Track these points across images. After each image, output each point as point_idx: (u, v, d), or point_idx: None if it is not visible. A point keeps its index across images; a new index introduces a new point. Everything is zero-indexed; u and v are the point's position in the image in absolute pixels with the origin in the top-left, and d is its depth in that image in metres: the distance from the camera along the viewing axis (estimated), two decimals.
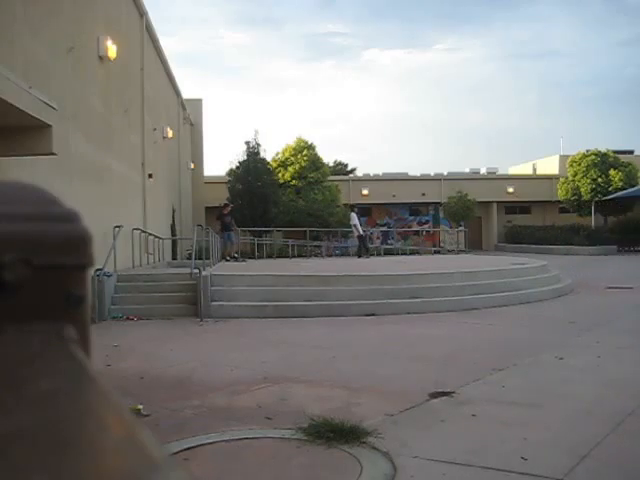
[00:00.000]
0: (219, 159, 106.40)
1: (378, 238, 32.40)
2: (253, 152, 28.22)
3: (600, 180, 31.61)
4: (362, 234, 21.86)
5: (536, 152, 64.61)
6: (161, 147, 19.67)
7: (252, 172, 27.31)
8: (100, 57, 12.26)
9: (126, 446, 0.31)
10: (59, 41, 9.96)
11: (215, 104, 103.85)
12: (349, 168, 51.07)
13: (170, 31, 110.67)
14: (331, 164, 41.48)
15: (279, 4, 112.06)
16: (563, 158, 36.44)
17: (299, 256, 23.78)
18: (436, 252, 30.10)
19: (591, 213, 32.18)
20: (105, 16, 13.01)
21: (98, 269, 10.04)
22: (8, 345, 0.39)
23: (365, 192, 34.66)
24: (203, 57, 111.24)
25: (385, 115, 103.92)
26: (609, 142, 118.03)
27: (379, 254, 25.11)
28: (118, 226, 12.08)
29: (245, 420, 4.55)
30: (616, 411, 4.63)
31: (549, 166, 38.50)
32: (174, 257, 21.29)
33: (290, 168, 30.40)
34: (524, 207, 37.31)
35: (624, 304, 11.14)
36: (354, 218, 21.54)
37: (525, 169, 42.07)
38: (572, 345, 7.38)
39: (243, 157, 28.24)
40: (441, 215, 35.50)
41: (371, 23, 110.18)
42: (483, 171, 41.31)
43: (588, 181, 31.89)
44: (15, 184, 0.44)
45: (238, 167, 28.16)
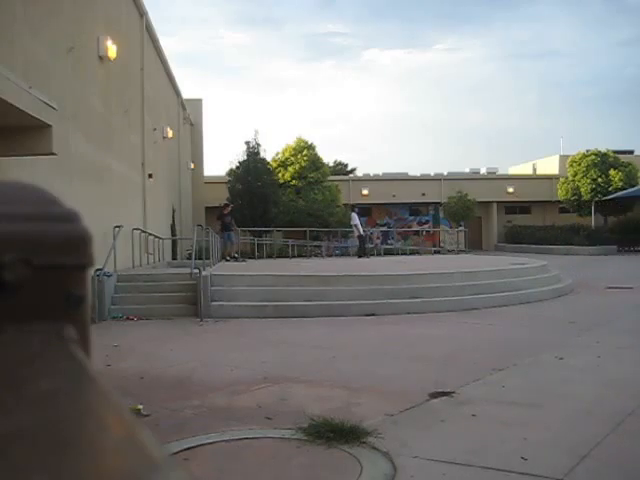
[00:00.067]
0: (219, 159, 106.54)
1: (378, 238, 32.39)
2: (253, 152, 28.23)
3: (600, 180, 31.61)
4: (362, 234, 21.87)
5: (536, 152, 64.72)
6: (161, 147, 19.67)
7: (252, 172, 27.32)
8: (100, 57, 12.27)
9: (126, 446, 0.31)
10: (59, 41, 9.97)
11: (215, 104, 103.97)
12: (349, 168, 51.09)
13: (170, 31, 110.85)
14: (331, 164, 41.50)
15: (279, 4, 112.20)
16: (563, 158, 36.44)
17: (299, 256, 23.78)
18: (436, 252, 30.10)
19: (591, 213, 32.19)
20: (105, 16, 13.01)
21: (98, 269, 10.04)
22: (8, 345, 0.39)
23: (365, 192, 34.67)
24: (203, 57, 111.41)
25: (385, 115, 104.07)
26: (609, 142, 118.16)
27: (379, 254, 25.11)
28: (118, 226, 12.08)
29: (245, 420, 4.55)
30: (616, 411, 4.64)
31: (549, 166, 38.51)
32: (174, 257, 21.29)
33: (290, 168, 30.40)
34: (524, 207, 37.31)
35: (624, 304, 11.14)
36: (355, 218, 21.55)
37: (525, 169, 42.08)
38: (572, 345, 7.38)
39: (243, 157, 28.26)
40: (441, 215, 35.50)
41: (371, 23, 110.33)
42: (483, 171, 41.31)
43: (588, 181, 31.90)
44: (15, 184, 0.44)
45: (238, 167, 28.16)
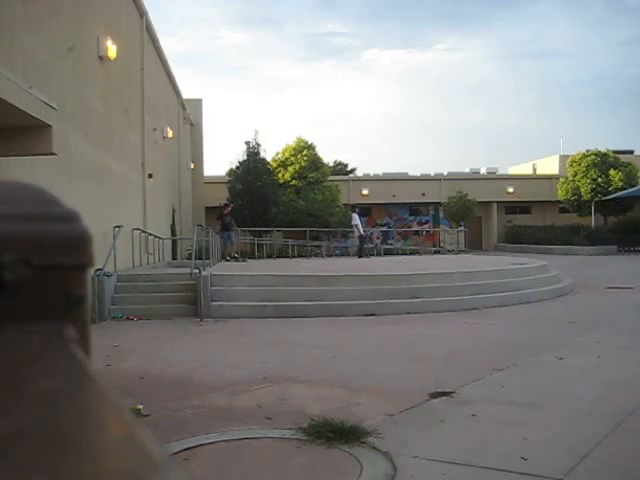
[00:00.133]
0: (219, 159, 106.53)
1: (378, 238, 32.39)
2: (253, 152, 28.22)
3: (600, 180, 31.61)
4: (363, 234, 21.88)
5: (536, 152, 64.70)
6: (161, 147, 19.67)
7: (252, 172, 27.31)
8: (100, 57, 12.27)
9: (126, 446, 0.31)
10: (59, 41, 9.96)
11: (215, 104, 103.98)
12: (349, 168, 51.09)
13: (170, 31, 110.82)
14: (331, 164, 41.50)
15: (279, 4, 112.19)
16: (563, 158, 36.45)
17: (299, 256, 23.78)
18: (436, 252, 30.10)
19: (591, 213, 32.19)
20: (105, 16, 13.01)
21: (98, 269, 10.04)
22: (8, 345, 0.39)
23: (365, 192, 34.67)
24: (203, 57, 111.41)
25: (385, 115, 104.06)
26: (609, 142, 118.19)
27: (379, 254, 25.11)
28: (118, 226, 12.08)
29: (245, 420, 4.55)
30: (616, 411, 4.64)
31: (549, 166, 38.51)
32: (174, 257, 21.29)
33: (290, 168, 30.40)
34: (524, 207, 37.31)
35: (624, 304, 11.14)
36: (355, 218, 21.56)
37: (525, 169, 42.08)
38: (572, 345, 7.38)
39: (243, 157, 28.26)
40: (441, 215, 35.50)
41: (371, 23, 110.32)
42: (483, 171, 41.31)
43: (588, 181, 31.90)
44: (15, 184, 0.44)
45: (238, 167, 28.16)
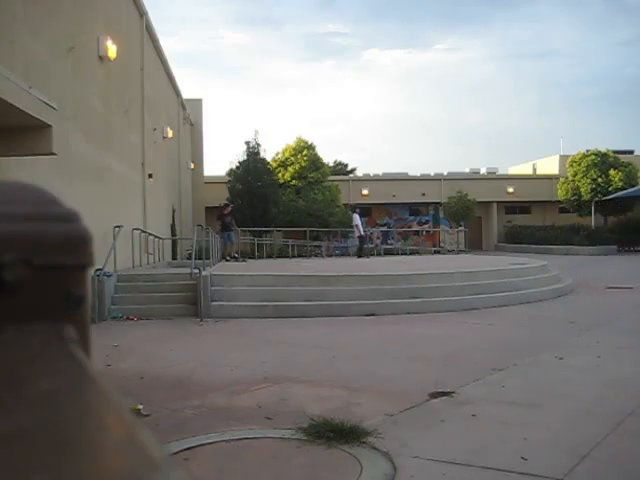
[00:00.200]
0: (219, 159, 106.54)
1: (378, 238, 32.40)
2: (253, 152, 28.22)
3: (600, 180, 31.61)
4: (363, 235, 21.88)
5: (536, 152, 64.71)
6: (161, 147, 19.67)
7: (252, 172, 27.31)
8: (100, 57, 12.27)
9: (126, 446, 0.31)
10: (59, 41, 9.96)
11: (215, 104, 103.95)
12: (349, 168, 51.09)
13: (170, 31, 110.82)
14: (331, 164, 41.50)
15: (279, 4, 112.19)
16: (563, 158, 36.45)
17: (299, 256, 23.78)
18: (436, 252, 30.10)
19: (591, 213, 32.19)
20: (105, 16, 13.01)
21: (98, 269, 10.04)
22: (8, 345, 0.39)
23: (365, 192, 34.67)
24: (203, 57, 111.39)
25: (385, 115, 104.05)
26: (609, 142, 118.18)
27: (379, 254, 25.11)
28: (118, 226, 12.08)
29: (245, 420, 4.55)
30: (616, 411, 4.63)
31: (549, 166, 38.51)
32: (174, 257, 21.29)
33: (290, 168, 30.40)
34: (524, 207, 37.31)
35: (624, 304, 11.14)
36: (356, 219, 21.58)
37: (525, 169, 42.08)
38: (572, 345, 7.38)
39: (243, 157, 28.25)
40: (441, 215, 35.50)
41: (371, 23, 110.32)
42: (483, 171, 41.31)
43: (588, 181, 31.90)
44: (15, 184, 0.44)
45: (238, 167, 28.16)
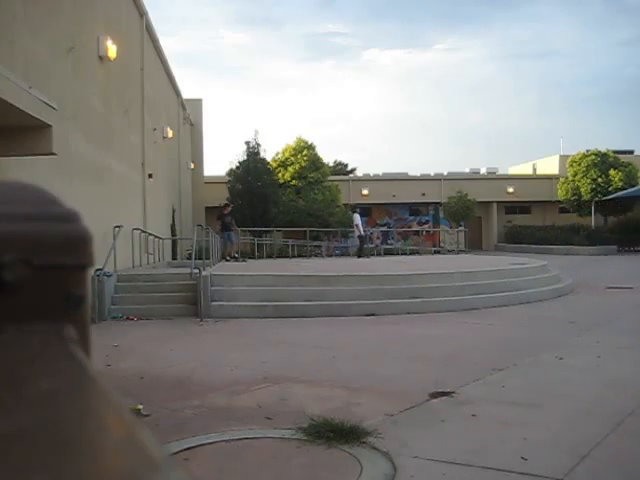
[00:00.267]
0: (219, 159, 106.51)
1: (378, 238, 32.40)
2: (253, 152, 28.22)
3: (600, 180, 31.61)
4: (363, 234, 21.88)
5: (536, 152, 64.69)
6: (161, 147, 19.67)
7: (252, 172, 27.31)
8: (100, 57, 12.27)
9: (126, 446, 0.31)
10: (59, 41, 9.96)
11: (215, 104, 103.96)
12: (349, 168, 51.09)
13: (170, 31, 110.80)
14: (331, 164, 41.49)
15: (279, 4, 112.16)
16: (563, 158, 36.44)
17: (299, 256, 23.78)
18: (436, 252, 30.10)
19: (591, 213, 32.19)
20: (105, 16, 13.01)
21: (98, 269, 10.04)
22: (8, 345, 0.39)
23: (365, 192, 34.67)
24: (203, 57, 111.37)
25: (385, 115, 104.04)
26: (609, 142, 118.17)
27: (379, 254, 25.11)
28: (118, 226, 12.08)
29: (245, 420, 4.55)
30: (616, 411, 4.63)
31: (549, 166, 38.50)
32: (174, 257, 21.29)
33: (290, 168, 30.40)
34: (524, 207, 37.31)
35: (624, 304, 11.14)
36: (357, 218, 21.60)
37: (525, 169, 42.08)
38: (572, 345, 7.38)
39: (243, 157, 28.25)
40: (441, 215, 35.50)
41: (371, 23, 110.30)
42: (483, 171, 41.31)
43: (588, 181, 31.90)
44: (15, 184, 0.44)
45: (238, 167, 28.15)
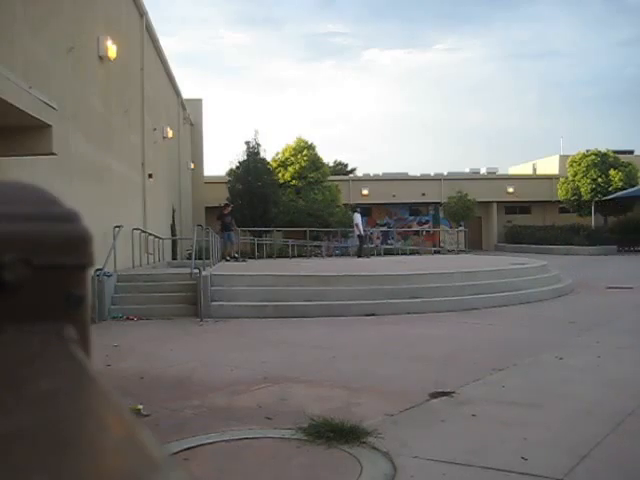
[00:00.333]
0: (219, 159, 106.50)
1: (378, 238, 32.40)
2: (253, 152, 28.22)
3: (600, 180, 31.61)
4: (362, 234, 21.87)
5: (536, 152, 64.69)
6: (161, 147, 19.66)
7: (252, 172, 27.31)
8: (100, 57, 12.26)
9: (126, 446, 0.31)
10: (59, 41, 9.96)
11: (215, 104, 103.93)
12: (349, 168, 51.08)
13: (170, 31, 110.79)
14: (331, 164, 41.49)
15: (279, 4, 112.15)
16: (563, 158, 36.44)
17: (299, 256, 23.77)
18: (436, 252, 30.09)
19: (591, 213, 32.18)
20: (105, 16, 13.01)
21: (98, 269, 10.04)
22: (8, 345, 0.39)
23: (365, 192, 34.67)
24: (203, 57, 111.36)
25: (385, 115, 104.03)
26: (609, 142, 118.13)
27: (379, 254, 25.11)
28: (118, 226, 12.08)
29: (245, 420, 4.55)
30: (616, 411, 4.63)
31: (549, 166, 38.50)
32: (174, 257, 21.29)
33: (290, 168, 30.39)
34: (524, 207, 37.31)
35: (624, 304, 11.14)
36: (357, 217, 21.60)
37: (525, 169, 42.07)
38: (572, 345, 7.38)
39: (243, 157, 28.24)
40: (441, 215, 35.50)
41: (371, 23, 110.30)
42: (483, 171, 41.31)
43: (588, 181, 31.90)
44: (15, 184, 0.44)
45: (238, 167, 28.15)
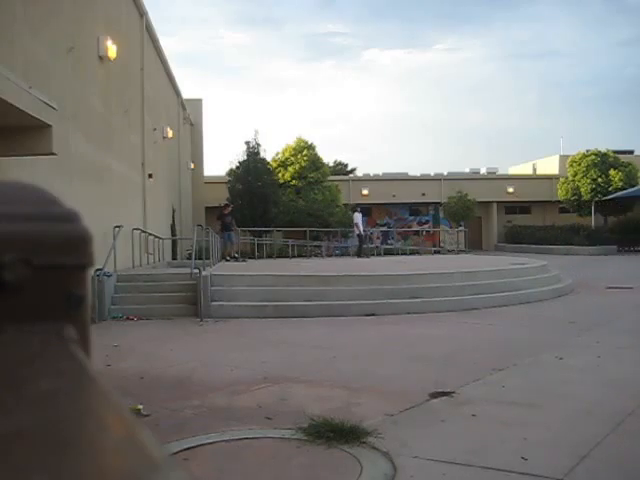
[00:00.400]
0: (219, 159, 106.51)
1: (378, 238, 32.40)
2: (253, 152, 28.21)
3: (600, 180, 31.61)
4: (362, 234, 21.87)
5: (536, 152, 64.74)
6: (161, 147, 19.66)
7: (252, 172, 27.31)
8: (100, 57, 12.26)
9: (126, 446, 0.31)
10: (59, 41, 9.96)
11: (215, 104, 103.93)
12: (349, 168, 51.08)
13: (170, 31, 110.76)
14: (331, 164, 41.49)
15: (279, 4, 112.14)
16: (563, 158, 36.44)
17: (299, 256, 23.77)
18: (436, 252, 30.09)
19: (591, 213, 32.19)
20: (105, 16, 13.01)
21: (98, 269, 10.04)
22: (8, 345, 0.39)
23: (365, 192, 34.67)
24: (203, 57, 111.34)
25: (385, 115, 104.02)
26: (609, 142, 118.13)
27: (379, 254, 25.11)
28: (118, 226, 12.08)
29: (245, 420, 4.55)
30: (616, 411, 4.63)
31: (549, 166, 38.50)
32: (174, 257, 21.29)
33: (290, 168, 30.39)
34: (524, 207, 37.31)
35: (624, 304, 11.14)
36: (357, 217, 21.60)
37: (525, 169, 42.07)
38: (572, 345, 7.38)
39: (243, 157, 28.24)
40: (441, 215, 35.50)
41: (371, 23, 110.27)
42: (483, 171, 41.31)
43: (588, 181, 31.90)
44: (15, 184, 0.44)
45: (238, 167, 28.15)
